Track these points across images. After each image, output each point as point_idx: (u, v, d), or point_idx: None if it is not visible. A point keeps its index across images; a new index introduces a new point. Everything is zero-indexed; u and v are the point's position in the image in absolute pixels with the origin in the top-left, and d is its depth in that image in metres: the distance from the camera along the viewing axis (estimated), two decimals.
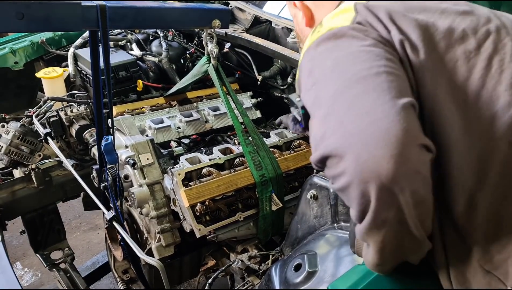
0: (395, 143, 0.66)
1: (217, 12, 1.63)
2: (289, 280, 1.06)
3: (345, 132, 0.71)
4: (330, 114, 0.75)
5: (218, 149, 1.61)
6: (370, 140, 0.67)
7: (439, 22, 0.85)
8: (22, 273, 2.81)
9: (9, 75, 2.15)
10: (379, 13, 0.85)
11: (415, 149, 0.68)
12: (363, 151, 0.67)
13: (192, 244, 1.63)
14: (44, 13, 1.21)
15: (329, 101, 0.76)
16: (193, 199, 1.39)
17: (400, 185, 0.67)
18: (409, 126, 0.68)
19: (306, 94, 0.83)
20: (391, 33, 0.83)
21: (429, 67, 0.81)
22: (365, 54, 0.78)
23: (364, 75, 0.74)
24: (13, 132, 1.77)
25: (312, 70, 0.83)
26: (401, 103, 0.70)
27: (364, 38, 0.81)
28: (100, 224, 3.15)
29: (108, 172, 1.44)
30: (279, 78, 2.09)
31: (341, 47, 0.81)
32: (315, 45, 0.84)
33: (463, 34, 0.84)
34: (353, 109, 0.72)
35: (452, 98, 0.79)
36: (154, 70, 2.01)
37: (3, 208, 1.80)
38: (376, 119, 0.69)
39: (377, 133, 0.67)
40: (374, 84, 0.73)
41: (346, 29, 0.83)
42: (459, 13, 0.87)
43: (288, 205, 1.56)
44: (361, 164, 0.67)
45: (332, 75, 0.78)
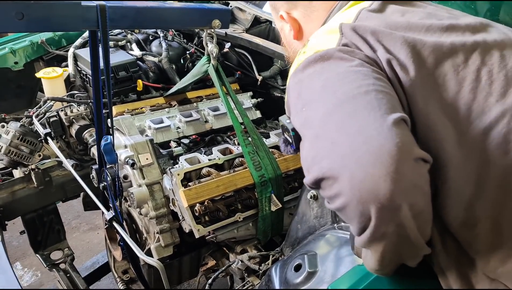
0: (389, 160, 0.66)
1: (217, 12, 1.63)
2: (289, 280, 1.06)
3: (337, 153, 0.70)
4: (321, 135, 0.75)
5: (217, 150, 1.61)
6: (364, 159, 0.67)
7: (425, 38, 0.85)
8: (22, 273, 2.81)
9: (9, 75, 2.15)
10: (365, 34, 0.85)
11: (411, 163, 0.68)
12: (358, 171, 0.67)
13: (192, 244, 1.63)
14: (44, 13, 1.21)
15: (319, 122, 0.76)
16: (192, 199, 1.39)
17: (398, 202, 0.66)
18: (402, 141, 0.67)
19: (296, 116, 0.83)
20: (378, 53, 0.83)
21: (419, 84, 0.80)
22: (353, 74, 0.78)
23: (353, 94, 0.74)
24: (13, 132, 1.77)
25: (301, 93, 0.83)
26: (392, 118, 0.70)
27: (351, 59, 0.81)
28: (100, 224, 3.15)
29: (107, 172, 1.44)
30: (279, 78, 2.09)
31: (329, 68, 0.81)
32: (302, 67, 0.84)
33: (451, 48, 0.84)
34: (344, 129, 0.72)
35: (444, 113, 0.79)
36: (154, 70, 2.01)
37: (3, 208, 1.80)
38: (368, 137, 0.68)
39: (371, 151, 0.67)
40: (364, 103, 0.73)
41: (333, 51, 0.83)
42: (444, 29, 0.87)
43: (288, 205, 1.56)
44: (357, 184, 0.67)
45: (321, 96, 0.78)
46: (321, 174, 0.71)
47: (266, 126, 1.96)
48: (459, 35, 0.87)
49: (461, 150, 0.78)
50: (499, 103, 0.79)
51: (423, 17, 0.91)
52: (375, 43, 0.84)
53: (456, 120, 0.79)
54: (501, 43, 0.86)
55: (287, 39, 1.14)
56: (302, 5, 1.06)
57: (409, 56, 0.82)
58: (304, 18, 1.06)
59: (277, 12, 1.11)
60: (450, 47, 0.84)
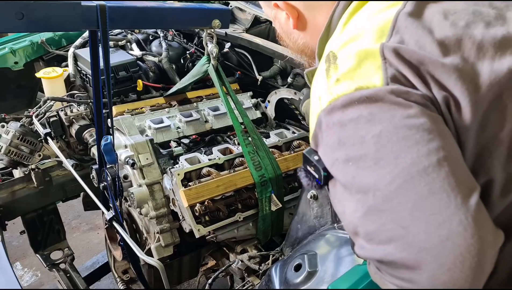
0: (477, 262, 0.59)
1: (217, 12, 1.63)
2: (289, 280, 1.06)
3: (413, 243, 0.61)
4: (385, 211, 0.64)
5: (217, 149, 1.61)
6: (450, 261, 0.59)
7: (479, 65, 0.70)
8: (22, 273, 2.81)
9: (9, 75, 2.15)
10: (412, 60, 0.70)
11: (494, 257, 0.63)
12: (441, 273, 0.60)
13: (192, 244, 1.63)
14: (44, 13, 1.21)
15: (380, 193, 0.65)
16: (192, 199, 1.39)
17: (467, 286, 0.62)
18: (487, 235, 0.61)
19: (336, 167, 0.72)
20: (432, 89, 0.70)
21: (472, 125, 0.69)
22: (415, 133, 0.65)
23: (424, 167, 0.63)
24: (13, 132, 1.77)
25: (343, 140, 0.69)
26: (474, 204, 0.61)
27: (408, 105, 0.67)
28: (100, 224, 3.15)
29: (107, 172, 1.44)
30: (279, 78, 2.09)
31: (381, 117, 0.67)
32: (341, 105, 0.70)
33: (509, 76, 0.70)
34: (419, 213, 0.62)
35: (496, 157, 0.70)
36: (154, 70, 2.01)
37: (3, 208, 1.80)
38: (453, 233, 0.60)
39: (457, 253, 0.59)
40: (439, 179, 0.62)
41: (383, 93, 0.68)
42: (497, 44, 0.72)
43: (288, 205, 1.56)
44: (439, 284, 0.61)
45: (379, 158, 0.66)
46: (391, 259, 0.64)
47: (266, 126, 1.96)
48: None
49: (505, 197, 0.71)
50: None
51: (470, 21, 0.75)
52: (426, 75, 0.70)
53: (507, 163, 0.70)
54: None
55: (283, 29, 0.99)
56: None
57: (465, 93, 0.69)
58: (305, 5, 0.91)
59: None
60: (508, 76, 0.70)
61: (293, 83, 1.98)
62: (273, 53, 1.87)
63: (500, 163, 0.70)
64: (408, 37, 0.73)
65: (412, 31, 0.73)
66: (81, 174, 1.70)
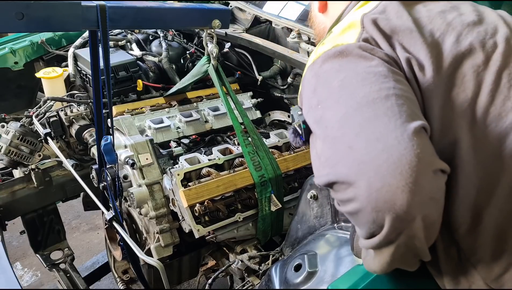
0: (409, 171, 0.65)
1: (217, 12, 1.63)
2: (289, 280, 1.06)
3: (355, 159, 0.69)
4: (338, 138, 0.73)
5: (217, 150, 1.61)
6: (383, 169, 0.66)
7: (445, 36, 0.83)
8: (22, 273, 2.81)
9: (9, 75, 2.15)
10: (385, 29, 0.83)
11: (430, 175, 0.67)
12: (376, 180, 0.66)
13: (191, 244, 1.62)
14: (44, 13, 1.21)
15: (336, 124, 0.74)
16: (192, 199, 1.39)
17: (414, 213, 0.66)
18: (422, 152, 0.66)
19: (310, 112, 0.82)
20: (397, 51, 0.81)
21: (436, 85, 0.79)
22: (372, 76, 0.76)
23: (373, 98, 0.72)
24: (13, 132, 1.77)
25: (317, 88, 0.81)
26: (412, 127, 0.68)
27: (371, 58, 0.79)
28: (100, 224, 3.15)
29: (107, 172, 1.44)
30: (279, 78, 2.09)
31: (348, 67, 0.79)
32: (320, 61, 0.82)
33: (471, 48, 0.81)
34: (363, 134, 0.70)
35: (460, 116, 0.78)
36: (154, 70, 2.01)
37: (3, 208, 1.80)
38: (388, 146, 0.67)
39: (390, 161, 0.66)
40: (384, 108, 0.71)
41: (352, 48, 0.81)
42: (466, 25, 0.85)
43: (288, 205, 1.56)
44: (374, 192, 0.66)
45: (339, 97, 0.76)
46: (336, 178, 0.71)
47: (266, 126, 1.96)
48: (481, 32, 0.84)
49: (475, 156, 0.77)
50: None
51: (445, 10, 0.88)
52: (395, 41, 0.82)
53: (472, 124, 0.78)
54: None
55: (314, 12, 1.13)
56: None
57: (428, 56, 0.80)
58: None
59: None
60: (470, 47, 0.81)
61: (293, 83, 1.98)
62: (273, 53, 1.87)
63: (466, 123, 0.78)
64: (390, 9, 0.87)
65: (394, 7, 0.88)
66: (81, 174, 1.70)
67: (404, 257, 0.75)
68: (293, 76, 1.96)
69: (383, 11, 0.87)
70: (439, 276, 0.84)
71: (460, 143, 0.77)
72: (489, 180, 0.77)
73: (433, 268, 0.85)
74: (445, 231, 0.81)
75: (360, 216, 0.70)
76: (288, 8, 2.02)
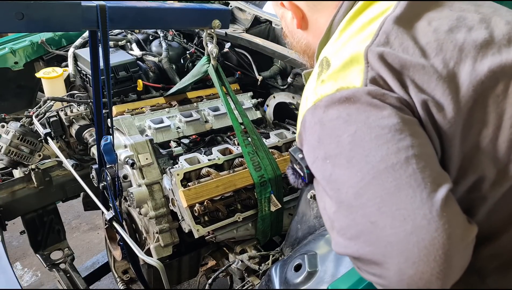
0: (443, 257, 0.60)
1: (217, 12, 1.63)
2: (289, 280, 1.06)
3: (380, 238, 0.63)
4: (355, 207, 0.67)
5: (217, 150, 1.61)
6: (415, 255, 0.61)
7: (461, 65, 0.74)
8: (22, 273, 2.81)
9: (9, 75, 2.15)
10: (394, 65, 0.73)
11: (463, 251, 0.63)
12: (407, 267, 0.61)
13: (191, 244, 1.63)
14: (44, 13, 1.21)
15: (351, 190, 0.67)
16: (191, 199, 1.39)
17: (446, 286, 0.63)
18: (454, 228, 0.61)
19: (316, 163, 0.75)
20: (410, 93, 0.73)
21: (458, 125, 0.72)
22: (387, 132, 0.68)
23: (392, 164, 0.65)
24: (13, 132, 1.77)
25: (323, 138, 0.73)
26: (440, 199, 0.63)
27: (383, 107, 0.70)
28: (100, 224, 3.15)
29: (107, 172, 1.44)
30: (279, 78, 2.09)
31: (357, 119, 0.70)
32: (323, 106, 0.74)
33: (490, 76, 0.73)
34: (386, 209, 0.64)
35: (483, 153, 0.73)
36: (154, 70, 2.01)
37: (3, 208, 1.80)
38: (418, 227, 0.61)
39: (421, 245, 0.60)
40: (405, 176, 0.64)
41: (361, 94, 0.71)
42: (479, 46, 0.75)
43: (287, 206, 1.56)
44: (406, 279, 0.62)
45: (351, 157, 0.69)
46: (359, 255, 0.66)
47: (266, 127, 1.96)
48: (495, 53, 0.75)
49: (498, 190, 0.73)
50: None
51: (453, 27, 0.78)
52: (406, 79, 0.73)
53: (495, 159, 0.72)
54: None
55: (289, 28, 1.02)
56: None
57: (445, 93, 0.72)
58: (309, 6, 0.93)
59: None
60: (489, 75, 0.73)
61: (293, 83, 1.98)
62: (273, 53, 1.87)
63: (489, 159, 0.72)
64: (393, 39, 0.76)
65: (398, 36, 0.76)
66: (81, 174, 1.70)
67: None
68: (293, 76, 1.96)
69: (386, 42, 0.76)
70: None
71: (482, 180, 0.73)
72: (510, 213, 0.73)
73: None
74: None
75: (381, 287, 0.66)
76: None
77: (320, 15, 0.92)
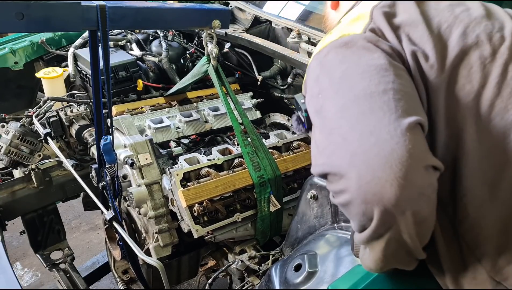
0: (399, 166, 0.65)
1: (217, 12, 1.63)
2: (289, 280, 1.06)
3: (348, 151, 0.70)
4: (334, 128, 0.74)
5: (217, 150, 1.61)
6: (374, 162, 0.67)
7: (453, 28, 0.83)
8: (22, 273, 2.81)
9: (9, 75, 2.15)
10: (393, 21, 0.84)
11: (421, 171, 0.67)
12: (366, 173, 0.67)
13: (190, 244, 1.62)
14: (44, 13, 1.21)
15: (333, 115, 0.76)
16: (191, 199, 1.39)
17: (402, 208, 0.66)
18: (414, 147, 0.67)
19: (311, 101, 0.83)
20: (403, 43, 0.82)
21: (443, 77, 0.79)
22: (373, 69, 0.76)
23: (371, 92, 0.73)
24: (13, 132, 1.77)
25: (319, 77, 0.82)
26: (406, 123, 0.69)
27: (375, 50, 0.80)
28: (100, 224, 3.15)
29: (106, 172, 1.44)
30: (279, 78, 2.09)
31: (351, 58, 0.80)
32: (326, 50, 0.84)
33: (478, 40, 0.82)
34: (357, 127, 0.71)
35: (466, 108, 0.78)
36: (154, 70, 2.01)
37: (3, 208, 1.80)
38: (381, 140, 0.68)
39: (381, 155, 0.67)
40: (380, 102, 0.72)
41: (358, 38, 0.82)
42: (473, 18, 0.85)
43: (287, 206, 1.55)
44: (364, 185, 0.67)
45: (339, 88, 0.77)
46: (330, 169, 0.72)
47: (266, 127, 1.96)
48: (488, 26, 0.84)
49: (480, 148, 0.77)
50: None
51: (453, 4, 0.89)
52: (401, 33, 0.83)
53: (477, 116, 0.78)
54: None
55: (327, 10, 1.15)
56: None
57: (434, 47, 0.80)
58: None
59: None
60: (477, 39, 0.82)
61: (293, 83, 1.98)
62: (273, 53, 1.87)
63: (471, 115, 0.78)
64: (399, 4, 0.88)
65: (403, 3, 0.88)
66: (81, 174, 1.70)
67: (396, 254, 0.75)
68: (293, 76, 1.96)
69: (392, 5, 0.88)
70: (440, 274, 0.84)
71: (464, 135, 0.78)
72: (493, 173, 0.77)
73: (434, 266, 0.84)
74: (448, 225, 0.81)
75: (350, 208, 0.71)
76: (288, 8, 2.02)
77: None
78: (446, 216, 0.80)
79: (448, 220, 0.80)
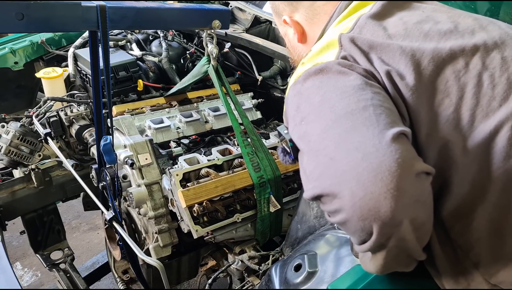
0: (389, 177, 0.65)
1: (217, 12, 1.63)
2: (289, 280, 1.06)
3: (337, 170, 0.70)
4: (320, 150, 0.74)
5: (217, 150, 1.61)
6: (364, 177, 0.66)
7: (424, 45, 0.84)
8: (22, 273, 2.81)
9: (9, 75, 2.15)
10: (363, 46, 0.85)
11: (412, 178, 0.67)
12: (358, 189, 0.66)
13: (190, 244, 1.62)
14: (44, 14, 1.21)
15: (317, 137, 0.76)
16: (190, 200, 1.39)
17: (399, 218, 0.66)
18: (402, 156, 0.67)
19: (295, 129, 0.83)
20: (375, 64, 0.83)
21: (420, 93, 0.80)
22: (351, 89, 0.77)
23: (351, 110, 0.74)
24: (13, 132, 1.77)
25: (300, 105, 0.83)
26: (390, 134, 0.69)
27: (350, 73, 0.81)
28: (100, 224, 3.15)
29: (106, 172, 1.44)
30: (279, 78, 2.09)
31: (328, 83, 0.81)
32: (301, 80, 0.84)
33: (451, 53, 0.83)
34: (343, 145, 0.71)
35: (447, 120, 0.79)
36: (154, 70, 2.01)
37: (3, 208, 1.80)
38: (367, 154, 0.68)
39: (370, 168, 0.66)
40: (362, 118, 0.72)
41: (332, 64, 0.83)
42: (443, 33, 0.86)
43: (287, 207, 1.56)
44: (358, 201, 0.66)
45: (320, 111, 0.78)
46: (321, 191, 0.71)
47: (266, 127, 1.96)
48: (458, 38, 0.85)
49: (466, 155, 0.78)
50: (503, 107, 0.78)
51: (421, 20, 0.90)
52: (373, 56, 0.84)
53: (460, 126, 0.79)
54: (502, 44, 0.84)
55: (291, 43, 1.14)
56: (303, 7, 1.05)
57: (408, 65, 0.81)
58: (307, 21, 1.06)
59: (280, 17, 1.12)
60: (450, 53, 0.82)
61: None
62: (273, 53, 1.87)
63: (453, 126, 0.79)
64: (366, 31, 0.88)
65: (370, 27, 0.89)
66: (81, 174, 1.70)
67: (398, 258, 0.75)
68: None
69: (359, 32, 0.88)
70: (437, 275, 0.84)
71: (451, 146, 0.78)
72: (481, 177, 0.78)
73: (431, 268, 0.85)
74: (440, 230, 0.81)
75: (348, 226, 0.70)
76: None
77: (316, 27, 1.04)
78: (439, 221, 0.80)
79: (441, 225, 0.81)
